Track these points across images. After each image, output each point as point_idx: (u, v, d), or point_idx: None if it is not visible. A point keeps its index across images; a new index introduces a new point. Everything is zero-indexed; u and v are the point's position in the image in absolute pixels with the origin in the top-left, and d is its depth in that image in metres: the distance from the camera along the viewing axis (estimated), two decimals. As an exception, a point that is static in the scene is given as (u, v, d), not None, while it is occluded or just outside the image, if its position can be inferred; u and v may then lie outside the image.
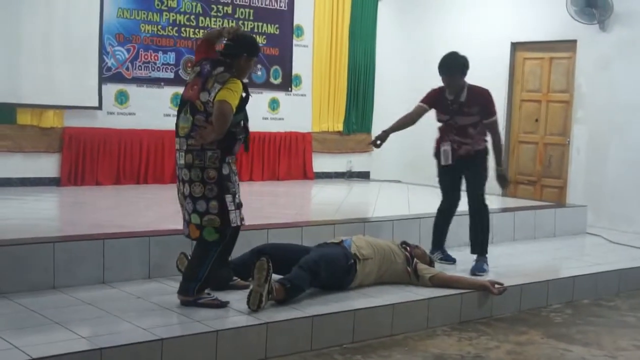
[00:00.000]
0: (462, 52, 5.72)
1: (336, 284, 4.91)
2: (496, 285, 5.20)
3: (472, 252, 5.83)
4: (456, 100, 5.63)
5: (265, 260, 4.34)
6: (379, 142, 5.64)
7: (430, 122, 5.94)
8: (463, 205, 5.91)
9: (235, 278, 4.82)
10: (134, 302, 4.45)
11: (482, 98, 5.63)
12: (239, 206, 4.34)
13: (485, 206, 5.80)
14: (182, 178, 4.28)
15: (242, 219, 4.40)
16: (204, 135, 4.13)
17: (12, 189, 7.54)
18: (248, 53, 4.27)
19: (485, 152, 5.78)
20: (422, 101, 5.76)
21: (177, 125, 4.32)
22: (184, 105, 4.27)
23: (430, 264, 5.45)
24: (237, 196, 4.33)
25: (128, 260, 4.94)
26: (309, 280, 4.63)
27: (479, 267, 5.68)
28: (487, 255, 5.80)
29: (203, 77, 4.21)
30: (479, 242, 5.79)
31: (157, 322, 4.07)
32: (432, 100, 5.73)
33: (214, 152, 4.18)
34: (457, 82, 5.58)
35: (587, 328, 5.11)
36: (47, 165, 7.94)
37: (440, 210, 6.00)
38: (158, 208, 6.78)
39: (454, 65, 5.56)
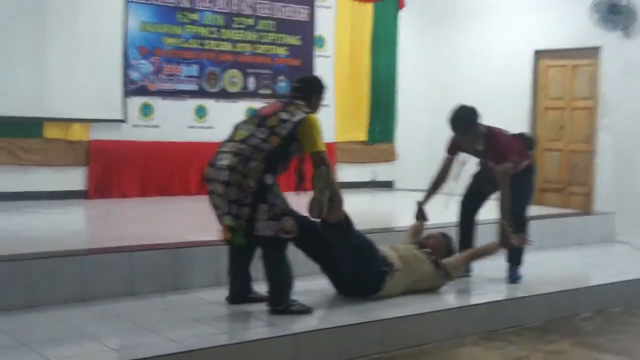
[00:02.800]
0: (485, 68, 5.59)
1: (364, 282, 4.86)
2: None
3: (508, 260, 5.77)
4: (474, 149, 5.52)
5: (325, 168, 4.49)
6: (419, 219, 5.74)
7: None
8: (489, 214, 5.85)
9: (254, 291, 4.80)
10: (162, 314, 4.48)
11: (496, 146, 5.41)
12: (274, 218, 4.35)
13: (524, 221, 5.64)
14: (219, 179, 4.35)
15: (282, 230, 4.37)
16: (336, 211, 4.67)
17: (41, 202, 7.61)
18: (318, 93, 4.80)
19: (528, 169, 5.62)
20: (447, 150, 5.70)
21: (235, 131, 4.55)
22: (253, 117, 4.62)
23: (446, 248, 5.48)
24: (274, 208, 4.36)
25: (156, 271, 4.97)
26: (349, 231, 4.84)
27: (515, 276, 5.65)
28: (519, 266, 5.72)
29: (284, 103, 4.61)
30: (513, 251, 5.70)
31: (186, 333, 4.08)
32: (455, 148, 5.66)
33: (258, 165, 4.32)
34: (467, 137, 5.44)
35: (617, 337, 5.06)
36: (74, 178, 8.02)
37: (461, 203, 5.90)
38: (184, 219, 6.82)
39: (458, 125, 5.39)
